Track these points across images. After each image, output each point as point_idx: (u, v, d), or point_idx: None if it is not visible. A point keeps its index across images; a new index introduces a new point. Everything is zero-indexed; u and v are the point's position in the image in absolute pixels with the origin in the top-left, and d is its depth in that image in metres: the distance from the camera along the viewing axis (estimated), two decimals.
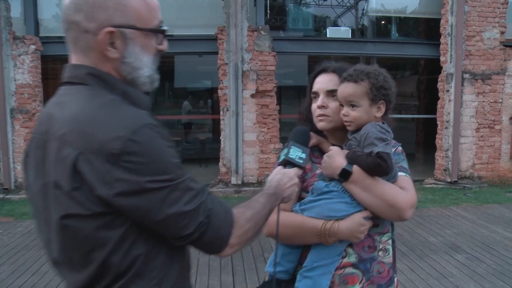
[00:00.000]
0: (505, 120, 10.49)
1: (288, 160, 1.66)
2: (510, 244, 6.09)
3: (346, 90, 1.76)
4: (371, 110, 1.75)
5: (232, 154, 9.70)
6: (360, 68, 1.78)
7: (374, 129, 1.69)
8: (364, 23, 12.30)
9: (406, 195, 1.72)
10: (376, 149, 1.64)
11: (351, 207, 1.73)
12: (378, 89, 1.73)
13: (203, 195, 1.24)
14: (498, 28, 10.29)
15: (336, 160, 1.73)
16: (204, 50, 10.50)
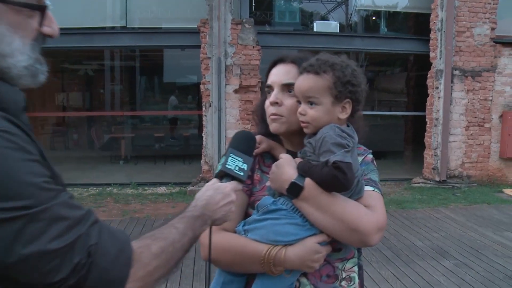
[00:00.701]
0: (495, 118, 10.24)
1: (225, 172, 1.33)
2: (499, 248, 5.82)
3: (304, 83, 1.43)
4: (334, 110, 1.42)
5: (214, 151, 9.35)
6: (323, 58, 1.44)
7: (332, 133, 1.36)
8: (353, 17, 11.97)
9: (372, 216, 1.39)
10: (333, 157, 1.31)
11: (302, 230, 1.39)
12: (344, 85, 1.40)
13: (83, 226, 0.89)
14: (489, 24, 10.04)
15: (285, 172, 1.41)
16: (186, 44, 10.15)
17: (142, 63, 15.42)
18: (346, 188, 1.35)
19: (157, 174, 10.80)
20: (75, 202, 0.92)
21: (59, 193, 0.88)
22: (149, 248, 1.00)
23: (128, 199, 8.41)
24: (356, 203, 1.39)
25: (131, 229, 6.48)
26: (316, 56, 1.48)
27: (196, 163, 11.26)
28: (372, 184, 1.50)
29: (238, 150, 1.38)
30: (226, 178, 1.32)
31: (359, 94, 1.43)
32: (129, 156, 12.86)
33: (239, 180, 1.33)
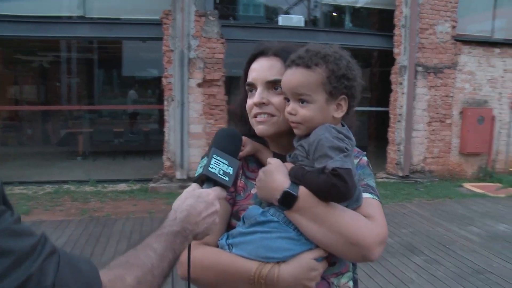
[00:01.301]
0: (455, 114, 10.41)
1: (207, 176, 1.13)
2: (466, 243, 5.85)
3: (294, 79, 1.25)
4: (328, 108, 1.25)
5: (176, 147, 9.07)
6: (314, 49, 1.27)
7: (328, 135, 1.19)
8: (317, 12, 11.87)
9: (374, 227, 1.22)
10: (332, 163, 1.14)
11: (296, 244, 1.22)
12: (339, 79, 1.23)
13: (35, 261, 0.68)
14: (450, 22, 10.19)
15: (276, 179, 1.23)
16: (148, 36, 9.78)
17: (100, 55, 14.86)
18: (346, 198, 1.19)
19: (117, 170, 10.42)
20: (22, 227, 0.71)
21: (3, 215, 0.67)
22: (123, 280, 0.83)
23: (87, 197, 8.03)
24: (355, 214, 1.23)
25: (91, 229, 6.17)
26: (305, 47, 1.30)
27: (157, 159, 10.95)
28: (370, 191, 1.33)
29: (222, 150, 1.19)
30: (208, 183, 1.13)
31: (355, 89, 1.27)
32: (87, 152, 12.37)
33: (224, 186, 1.14)
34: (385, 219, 1.28)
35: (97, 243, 5.63)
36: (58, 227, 6.27)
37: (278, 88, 1.34)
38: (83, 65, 15.02)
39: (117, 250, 5.35)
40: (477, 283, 4.63)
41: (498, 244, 5.88)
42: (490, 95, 10.66)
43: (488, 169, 10.70)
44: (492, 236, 6.22)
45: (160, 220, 1.03)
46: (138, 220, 6.71)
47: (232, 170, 1.17)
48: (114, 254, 5.25)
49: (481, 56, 10.52)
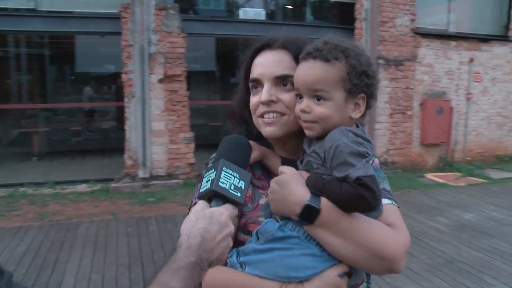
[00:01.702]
0: (416, 106, 10.59)
1: (217, 192, 1.00)
2: (436, 234, 5.94)
3: (311, 73, 1.13)
4: (346, 107, 1.14)
5: (138, 145, 8.81)
6: (333, 42, 1.15)
7: (346, 140, 1.07)
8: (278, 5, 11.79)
9: (399, 237, 1.13)
10: (355, 172, 1.03)
11: (320, 261, 1.11)
12: (360, 76, 1.13)
13: None
14: (409, 16, 10.34)
15: (294, 191, 1.09)
16: (106, 30, 9.40)
17: (53, 51, 14.27)
18: (374, 209, 1.08)
19: (76, 170, 10.02)
20: None
21: None
22: None
23: (45, 200, 7.66)
24: (381, 224, 1.12)
25: (53, 235, 5.86)
26: (322, 39, 1.18)
27: (117, 157, 10.63)
28: (388, 196, 1.24)
29: (232, 161, 1.06)
30: (217, 200, 1.00)
31: (375, 88, 1.18)
32: (43, 152, 11.84)
33: (235, 203, 1.01)
34: (405, 225, 1.19)
35: (61, 249, 5.35)
36: (16, 234, 5.92)
37: (287, 84, 1.22)
38: (34, 61, 14.36)
39: (83, 256, 5.11)
40: (451, 273, 4.69)
41: (466, 234, 6.00)
42: (448, 87, 10.91)
43: (447, 159, 10.95)
44: (459, 226, 6.34)
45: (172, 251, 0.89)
46: (102, 222, 6.45)
47: (243, 184, 1.04)
48: (80, 260, 5.01)
49: (438, 49, 10.73)
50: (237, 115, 1.39)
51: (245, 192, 1.03)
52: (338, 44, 1.14)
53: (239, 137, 1.22)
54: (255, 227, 1.19)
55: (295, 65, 1.21)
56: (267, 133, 1.25)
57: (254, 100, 1.27)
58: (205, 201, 1.01)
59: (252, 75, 1.27)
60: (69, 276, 4.62)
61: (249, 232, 1.19)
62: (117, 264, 4.95)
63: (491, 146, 11.70)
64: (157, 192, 8.26)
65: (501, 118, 11.72)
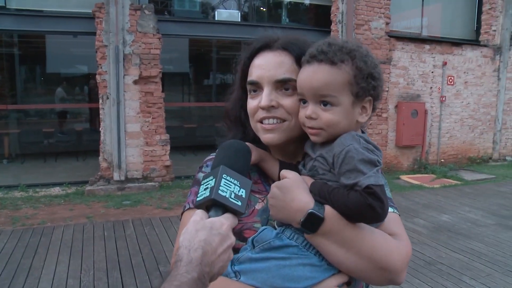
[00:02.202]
0: (391, 108, 10.71)
1: (216, 201, 0.94)
2: (414, 235, 5.98)
3: (317, 77, 1.08)
4: (353, 111, 1.10)
5: (113, 147, 8.65)
6: (337, 43, 1.10)
7: (358, 145, 1.03)
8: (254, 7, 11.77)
9: (402, 248, 1.10)
10: (365, 180, 0.99)
11: (319, 271, 1.06)
12: (366, 79, 1.08)
13: None
14: (384, 19, 10.46)
15: (296, 197, 1.04)
16: (79, 30, 9.20)
17: (23, 50, 13.92)
18: (381, 220, 1.04)
19: (49, 173, 9.78)
20: None
21: None
22: None
23: (17, 204, 7.44)
24: (384, 234, 1.09)
25: (27, 240, 5.68)
26: (324, 40, 1.13)
27: (91, 159, 10.47)
28: (390, 204, 1.18)
29: (232, 168, 1.00)
30: (216, 209, 0.94)
31: (380, 90, 1.13)
32: (14, 154, 11.53)
33: (235, 212, 0.95)
34: (407, 235, 1.17)
35: (35, 255, 5.18)
36: None
37: (289, 88, 1.17)
38: (3, 60, 13.97)
39: (59, 261, 4.97)
40: (430, 274, 4.72)
41: (443, 235, 6.06)
42: (422, 90, 11.06)
43: (422, 160, 11.10)
44: (436, 227, 6.41)
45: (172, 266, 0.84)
46: (78, 226, 6.29)
47: (244, 192, 0.98)
48: (56, 265, 4.86)
49: (413, 52, 10.88)
50: (232, 117, 1.33)
51: (246, 201, 0.97)
52: (343, 46, 1.09)
53: (239, 142, 1.15)
54: (250, 233, 1.14)
55: (297, 68, 1.16)
56: (266, 140, 1.20)
57: (252, 103, 1.21)
58: (203, 210, 0.95)
59: (251, 77, 1.21)
60: (45, 283, 4.47)
61: (245, 239, 1.13)
62: (94, 268, 4.83)
63: (463, 148, 11.91)
64: (132, 195, 8.13)
65: (473, 120, 11.95)
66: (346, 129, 1.08)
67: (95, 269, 4.80)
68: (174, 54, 14.73)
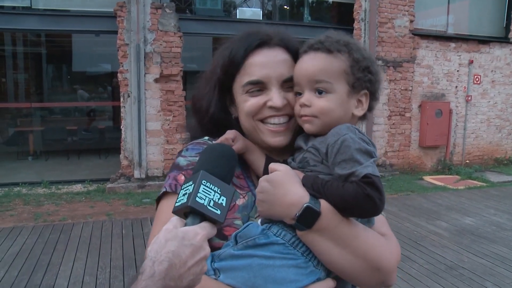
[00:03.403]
0: (414, 107, 10.51)
1: (193, 209, 0.86)
2: (435, 238, 5.84)
3: (313, 64, 1.07)
4: (349, 102, 1.07)
5: (134, 145, 8.70)
6: (335, 36, 1.10)
7: (354, 135, 0.98)
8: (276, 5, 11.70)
9: (393, 249, 1.06)
10: (362, 169, 0.93)
11: (303, 274, 1.00)
12: (363, 71, 1.07)
13: None
14: (408, 17, 10.27)
15: (290, 191, 0.98)
16: (102, 29, 9.28)
17: (49, 49, 14.14)
18: (378, 213, 0.98)
19: (71, 170, 9.91)
20: None
21: None
22: None
23: (40, 200, 7.55)
24: (376, 234, 1.05)
25: (47, 236, 5.75)
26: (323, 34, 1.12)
27: (113, 157, 10.56)
28: None
29: (213, 174, 0.92)
30: (194, 217, 0.87)
31: (377, 86, 1.13)
32: (38, 152, 11.73)
33: (214, 221, 0.88)
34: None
35: (54, 251, 5.23)
36: (9, 234, 5.82)
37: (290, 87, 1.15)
38: (30, 60, 14.22)
39: (77, 258, 5.00)
40: (452, 279, 4.59)
41: (466, 238, 5.90)
42: (447, 89, 10.83)
43: (446, 161, 10.87)
44: (459, 230, 6.24)
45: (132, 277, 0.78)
46: (97, 224, 6.33)
47: (225, 200, 0.90)
48: (74, 262, 4.89)
49: (438, 50, 10.65)
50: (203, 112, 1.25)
51: (226, 210, 0.90)
52: (339, 39, 1.10)
53: (223, 145, 1.08)
54: (231, 230, 1.07)
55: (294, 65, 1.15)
56: (275, 143, 1.16)
57: (254, 102, 1.15)
58: (179, 218, 0.88)
59: (253, 76, 1.15)
60: (62, 279, 4.51)
61: (225, 237, 1.07)
62: (111, 266, 4.84)
63: (490, 149, 11.62)
64: (153, 193, 8.15)
65: (500, 120, 11.65)
66: (341, 120, 1.05)
67: (111, 267, 4.82)
68: (198, 52, 14.76)
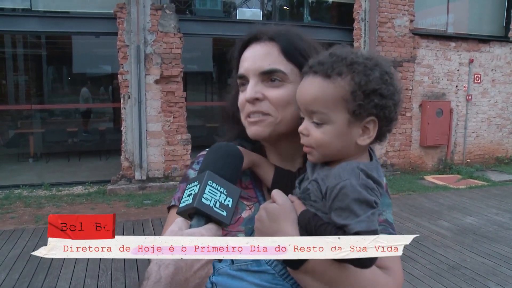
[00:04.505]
0: (415, 107, 10.50)
1: (199, 210, 0.85)
2: (437, 238, 5.83)
3: (308, 92, 0.98)
4: (350, 131, 0.96)
5: (135, 146, 8.69)
6: (340, 53, 0.98)
7: (355, 182, 0.90)
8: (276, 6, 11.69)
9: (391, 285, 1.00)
10: (355, 224, 0.87)
11: None
12: (368, 95, 0.93)
13: None
14: (408, 16, 10.27)
15: (281, 230, 0.95)
16: (102, 30, 9.27)
17: (49, 51, 14.14)
18: (370, 266, 0.92)
19: (72, 172, 9.91)
20: None
21: None
22: None
23: (40, 202, 7.54)
24: (373, 273, 0.98)
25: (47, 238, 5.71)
26: (330, 49, 1.01)
27: (114, 159, 10.55)
28: (389, 231, 1.08)
29: (219, 174, 0.90)
30: (199, 218, 0.85)
31: (390, 110, 0.97)
32: (39, 154, 11.73)
33: (220, 223, 0.86)
34: (401, 266, 1.06)
35: None
36: (10, 237, 5.82)
37: (275, 80, 1.09)
38: (31, 61, 14.22)
39: (78, 261, 4.99)
40: (454, 279, 4.58)
41: (468, 238, 5.89)
42: (447, 88, 10.82)
43: (447, 161, 10.86)
44: (461, 230, 6.23)
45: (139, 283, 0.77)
46: None
47: (231, 201, 0.88)
48: (75, 265, 4.88)
49: (438, 50, 10.64)
50: (230, 115, 1.25)
51: (232, 211, 0.88)
52: (345, 57, 0.97)
53: (229, 145, 1.05)
54: None
55: (284, 59, 1.09)
56: (251, 132, 1.12)
57: (241, 98, 1.14)
58: (184, 219, 0.87)
59: (239, 71, 1.15)
60: (63, 281, 4.51)
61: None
62: (112, 268, 4.84)
63: (491, 148, 11.61)
64: (153, 194, 8.15)
65: (501, 119, 11.63)
66: (343, 151, 0.97)
67: (113, 269, 4.81)
68: (198, 53, 14.75)
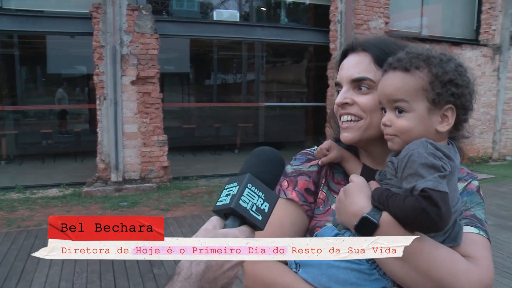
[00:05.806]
0: None
1: (235, 211, 0.85)
2: None
3: (389, 84, 1.08)
4: (430, 118, 1.06)
5: (111, 148, 8.61)
6: (416, 51, 1.09)
7: (423, 150, 0.99)
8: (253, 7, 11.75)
9: (475, 273, 1.00)
10: (422, 183, 0.93)
11: (367, 280, 1.04)
12: (445, 85, 1.05)
13: None
14: (383, 18, 10.43)
15: (355, 201, 1.04)
16: (77, 30, 9.17)
17: (22, 51, 13.90)
18: (438, 228, 0.96)
19: (46, 174, 9.76)
20: None
21: None
22: None
23: (13, 205, 7.41)
24: (452, 252, 1.01)
25: (21, 243, 5.65)
26: (406, 48, 1.12)
27: (90, 160, 10.43)
28: (477, 224, 1.11)
29: (259, 178, 0.90)
30: (234, 219, 0.86)
31: (466, 98, 1.07)
32: (12, 156, 11.52)
33: (255, 226, 0.87)
34: (491, 262, 1.05)
35: (28, 257, 5.13)
36: None
37: (362, 87, 1.18)
38: (2, 61, 13.96)
39: (52, 264, 4.93)
40: None
41: None
42: None
43: None
44: None
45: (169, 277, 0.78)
46: None
47: (268, 206, 0.88)
48: (49, 268, 4.83)
49: None
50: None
51: (267, 217, 0.88)
52: (421, 53, 1.08)
53: (272, 150, 1.04)
54: None
55: (374, 68, 1.18)
56: (343, 139, 1.22)
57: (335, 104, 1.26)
58: (219, 218, 0.88)
59: (336, 78, 1.26)
60: (37, 286, 4.44)
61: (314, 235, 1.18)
62: (87, 271, 4.79)
63: None
64: (130, 196, 8.09)
65: (472, 120, 11.76)
66: (422, 137, 1.05)
67: (88, 272, 4.76)
68: (175, 54, 14.71)
